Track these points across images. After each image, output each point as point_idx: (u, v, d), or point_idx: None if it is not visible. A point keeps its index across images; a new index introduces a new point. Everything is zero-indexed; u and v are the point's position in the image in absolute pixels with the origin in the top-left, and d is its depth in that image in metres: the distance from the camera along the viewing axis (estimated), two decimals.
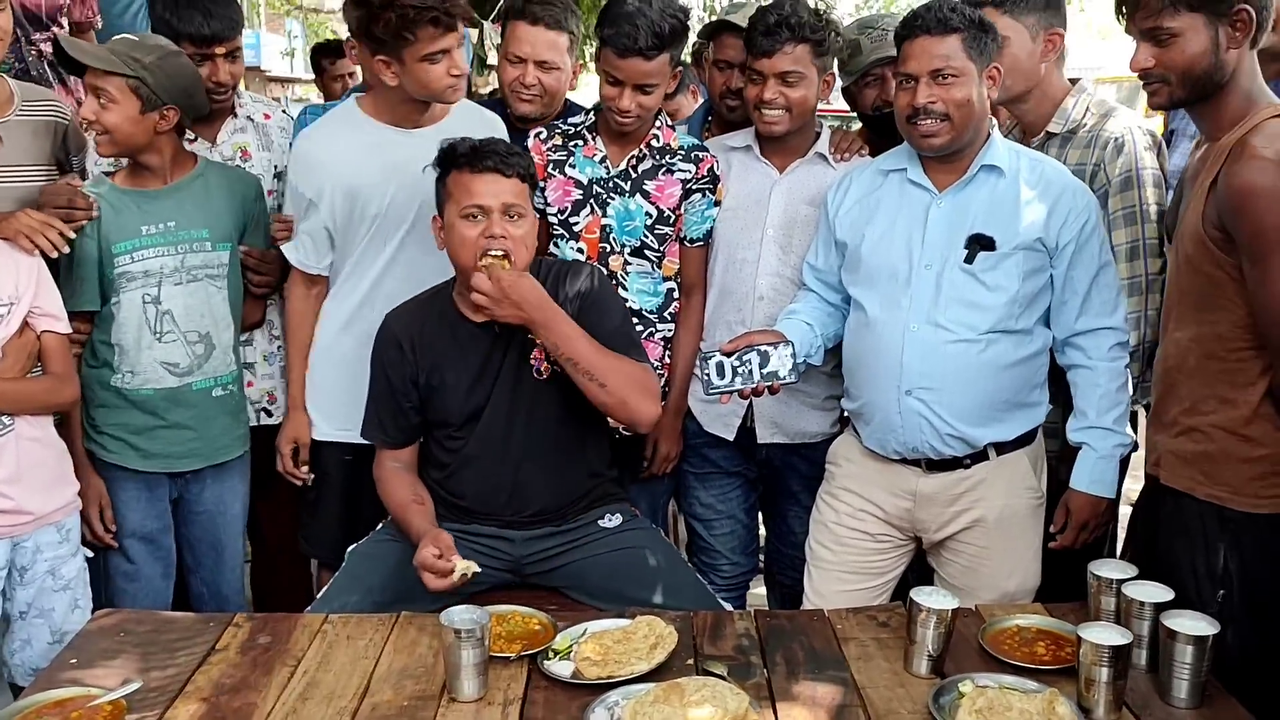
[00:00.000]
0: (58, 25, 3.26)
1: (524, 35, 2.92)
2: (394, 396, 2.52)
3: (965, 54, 2.36)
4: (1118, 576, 2.12)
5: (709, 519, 3.02)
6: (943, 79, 2.36)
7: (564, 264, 2.61)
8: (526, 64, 2.91)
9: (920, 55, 2.38)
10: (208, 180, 2.76)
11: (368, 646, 2.17)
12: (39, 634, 2.51)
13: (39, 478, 2.47)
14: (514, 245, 2.37)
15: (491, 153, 2.38)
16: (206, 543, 2.89)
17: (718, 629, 2.23)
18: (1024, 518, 2.53)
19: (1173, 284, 2.22)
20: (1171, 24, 2.07)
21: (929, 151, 2.45)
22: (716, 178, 2.83)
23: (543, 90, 2.94)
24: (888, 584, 2.66)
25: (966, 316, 2.42)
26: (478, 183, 2.37)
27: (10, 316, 2.41)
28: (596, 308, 2.48)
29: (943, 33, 2.35)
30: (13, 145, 2.65)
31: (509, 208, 2.38)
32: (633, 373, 2.43)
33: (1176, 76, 2.10)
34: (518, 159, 2.41)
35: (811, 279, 2.71)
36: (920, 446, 2.48)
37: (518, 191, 2.39)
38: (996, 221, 2.42)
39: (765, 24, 2.65)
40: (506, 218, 2.38)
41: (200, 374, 2.76)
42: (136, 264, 2.65)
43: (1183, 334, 2.14)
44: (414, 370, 2.50)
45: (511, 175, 2.38)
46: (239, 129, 3.01)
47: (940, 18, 2.36)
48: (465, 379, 2.49)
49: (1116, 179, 2.57)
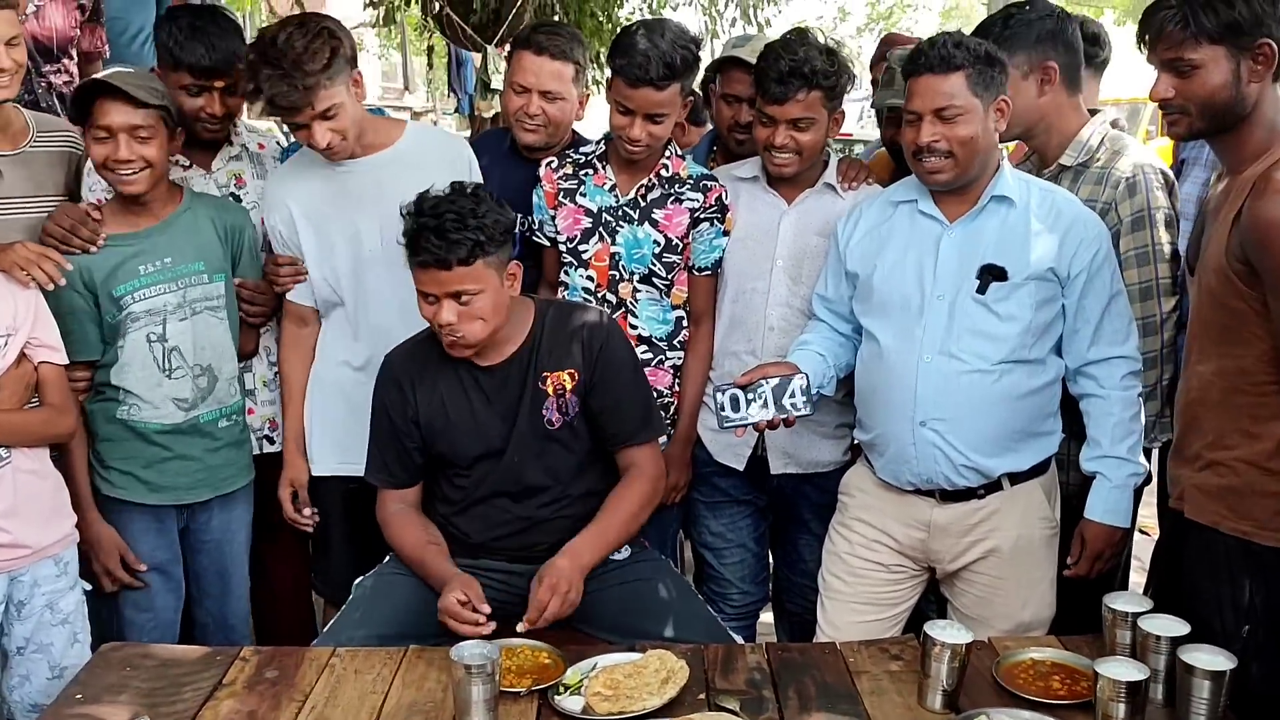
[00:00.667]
0: (68, 57, 3.27)
1: (529, 65, 2.91)
2: (397, 437, 2.49)
3: (970, 91, 2.34)
4: (1134, 610, 2.10)
5: (719, 548, 3.00)
6: (946, 117, 2.35)
7: (574, 316, 2.52)
8: (531, 94, 2.91)
9: (924, 93, 2.37)
10: (196, 213, 2.75)
11: (376, 681, 2.15)
12: (38, 669, 2.48)
13: (36, 510, 2.45)
14: (466, 327, 2.32)
15: (425, 248, 2.25)
16: (214, 571, 2.87)
17: (729, 662, 2.21)
18: (1038, 548, 2.51)
19: (1195, 317, 2.20)
20: (1193, 56, 2.06)
21: (935, 186, 2.45)
22: (725, 207, 2.82)
23: (547, 120, 2.93)
24: (901, 614, 2.64)
25: (980, 347, 2.41)
26: (419, 273, 2.31)
27: (8, 348, 2.39)
28: (612, 377, 2.47)
29: (946, 71, 2.33)
30: (28, 176, 2.65)
31: (457, 294, 2.29)
32: (639, 500, 2.47)
33: (1197, 108, 2.09)
34: (458, 246, 2.24)
35: (822, 309, 2.70)
36: (935, 477, 2.46)
37: (463, 276, 2.27)
38: (1008, 252, 2.41)
39: (778, 70, 2.62)
40: (456, 302, 2.30)
41: (205, 407, 2.75)
42: (139, 304, 2.64)
43: (1205, 367, 2.12)
44: (415, 411, 2.47)
45: (452, 265, 2.25)
46: (234, 157, 3.00)
47: (943, 55, 2.34)
48: (470, 423, 2.46)
49: (1128, 219, 2.56)
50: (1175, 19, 2.07)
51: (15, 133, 2.67)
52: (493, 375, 2.45)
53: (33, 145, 2.70)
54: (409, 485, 2.54)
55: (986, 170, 2.44)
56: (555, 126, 2.96)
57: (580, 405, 2.46)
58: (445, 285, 2.28)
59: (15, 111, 2.69)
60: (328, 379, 2.84)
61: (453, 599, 2.24)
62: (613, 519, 2.43)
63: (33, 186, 2.67)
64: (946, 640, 2.02)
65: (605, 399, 2.46)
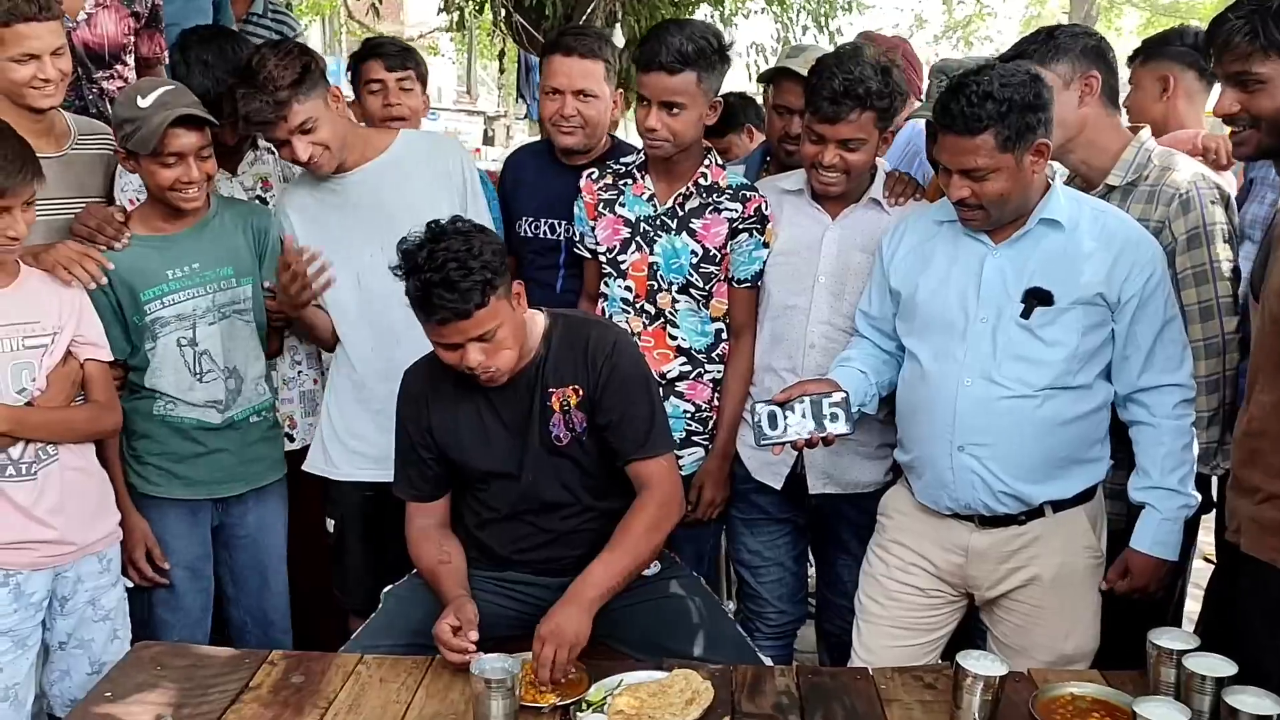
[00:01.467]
0: (121, 63, 3.31)
1: (559, 67, 2.93)
2: (415, 450, 2.50)
3: (998, 148, 2.23)
4: (1179, 647, 2.02)
5: (756, 566, 2.96)
6: (975, 177, 2.27)
7: (583, 329, 2.48)
8: (564, 95, 2.92)
9: (950, 150, 2.28)
10: (222, 217, 2.78)
11: (400, 690, 2.15)
12: (78, 665, 2.53)
13: (82, 508, 2.49)
14: (496, 362, 2.30)
15: (438, 306, 2.20)
16: (251, 569, 2.89)
17: (757, 685, 2.18)
18: (1082, 577, 2.43)
19: (1259, 345, 2.10)
20: (1260, 69, 1.98)
21: (974, 232, 2.39)
22: (765, 218, 2.78)
23: (583, 121, 2.94)
24: (938, 641, 2.57)
25: (1023, 372, 2.34)
26: (439, 329, 2.26)
27: (54, 346, 2.44)
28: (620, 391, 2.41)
29: (971, 134, 2.23)
30: (69, 179, 2.70)
31: (478, 338, 2.26)
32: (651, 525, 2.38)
33: (1266, 124, 2.00)
34: (470, 293, 2.19)
35: (865, 326, 2.64)
36: (973, 503, 2.40)
37: (480, 320, 2.23)
38: (1055, 275, 2.33)
39: (830, 89, 2.56)
40: (480, 343, 2.27)
41: (238, 406, 2.79)
42: (169, 308, 2.67)
43: (1269, 397, 2.02)
44: (429, 424, 2.47)
45: (469, 314, 2.21)
46: (259, 160, 3.04)
47: (967, 115, 2.22)
48: (483, 439, 2.45)
49: (1183, 237, 2.47)
50: (1243, 30, 1.98)
51: (58, 135, 2.73)
52: (502, 392, 2.42)
53: (74, 148, 2.76)
54: (433, 498, 2.53)
55: (1029, 202, 2.35)
56: (592, 127, 2.96)
57: (588, 421, 2.44)
58: (468, 333, 2.25)
59: (58, 115, 2.75)
60: (342, 384, 2.86)
61: (444, 625, 2.23)
62: (620, 547, 2.36)
63: (75, 188, 2.72)
64: (979, 671, 1.96)
65: (610, 414, 2.42)
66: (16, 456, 2.38)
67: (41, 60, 2.55)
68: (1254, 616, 2.03)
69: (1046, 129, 2.29)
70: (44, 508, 2.41)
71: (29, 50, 2.53)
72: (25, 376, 2.40)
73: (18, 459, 2.38)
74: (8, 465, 2.38)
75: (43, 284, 2.48)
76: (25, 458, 2.39)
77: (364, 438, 2.82)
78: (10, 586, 2.38)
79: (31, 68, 2.55)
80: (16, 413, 2.36)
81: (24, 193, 2.31)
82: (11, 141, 2.32)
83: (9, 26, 2.51)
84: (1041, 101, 2.27)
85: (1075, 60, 2.52)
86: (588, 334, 2.46)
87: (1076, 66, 2.52)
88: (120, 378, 2.70)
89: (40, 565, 2.42)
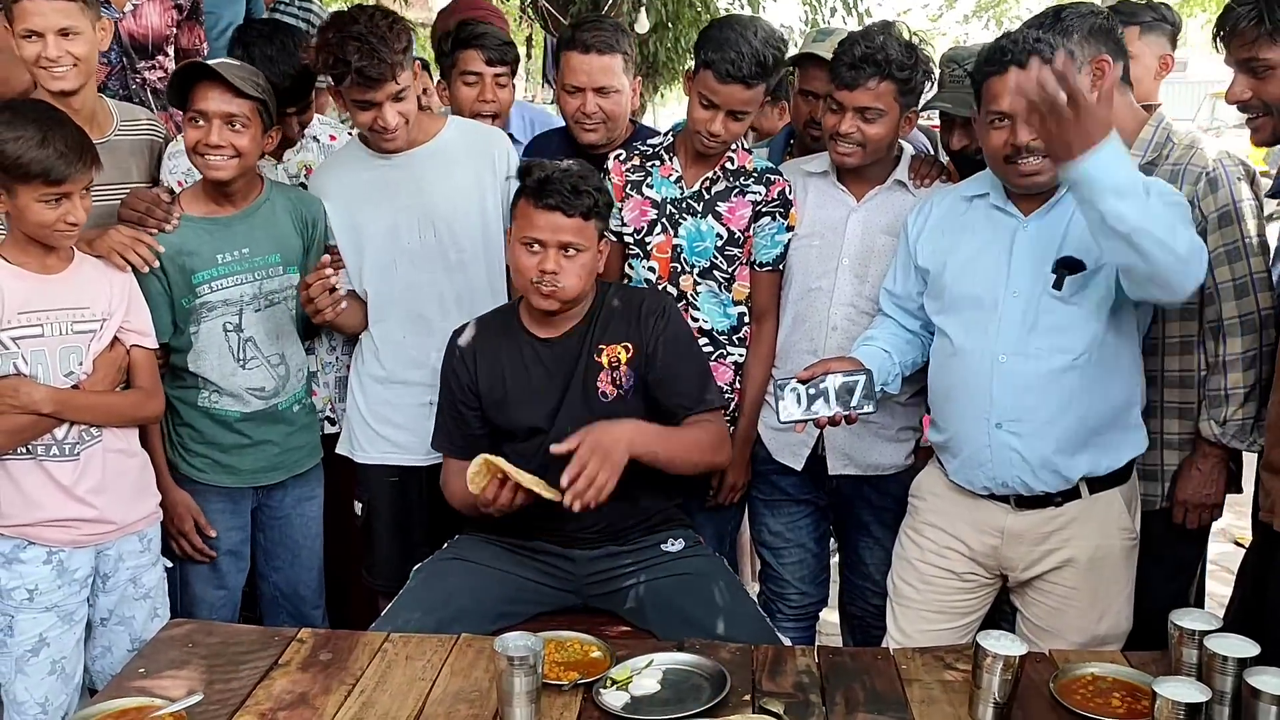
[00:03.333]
0: (163, 54, 3.36)
1: (577, 65, 2.93)
2: (456, 405, 2.57)
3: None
4: (1200, 628, 1.99)
5: (777, 547, 2.97)
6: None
7: (636, 294, 2.59)
8: (585, 93, 2.93)
9: (1016, 90, 2.19)
10: (274, 203, 2.79)
11: (425, 668, 2.17)
12: (119, 641, 2.59)
13: (123, 488, 2.54)
14: (566, 279, 2.42)
15: (556, 190, 2.39)
16: (283, 545, 2.94)
17: (778, 665, 2.18)
18: (1117, 559, 2.41)
19: None
20: (1268, 55, 1.96)
21: (1031, 189, 2.34)
22: (789, 202, 2.78)
23: (605, 116, 2.95)
24: (973, 623, 2.55)
25: (1057, 341, 2.31)
26: (539, 217, 2.41)
27: (103, 331, 2.49)
28: (673, 351, 2.52)
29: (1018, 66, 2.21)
30: (114, 164, 2.73)
31: (566, 245, 2.42)
32: (704, 442, 2.52)
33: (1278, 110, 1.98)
34: (585, 197, 2.41)
35: (889, 305, 2.63)
36: (1010, 481, 2.38)
37: (577, 229, 2.42)
38: (1085, 240, 2.28)
39: (851, 55, 2.57)
40: (563, 253, 2.42)
41: (284, 394, 2.83)
42: (216, 293, 2.70)
43: None
44: (473, 379, 2.55)
45: (574, 214, 2.40)
46: (304, 148, 3.06)
47: (1029, 48, 2.22)
48: (527, 393, 2.52)
49: (1214, 215, 2.44)
50: (1250, 16, 1.97)
51: (100, 122, 2.76)
52: (552, 347, 2.49)
53: (118, 134, 2.79)
54: (469, 456, 2.56)
55: None
56: (614, 121, 2.97)
57: (636, 379, 2.49)
58: (559, 233, 2.40)
59: (100, 101, 2.78)
60: (371, 369, 2.88)
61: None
62: (678, 433, 2.48)
63: (119, 174, 2.75)
64: (999, 651, 1.95)
65: (663, 371, 2.49)
66: (60, 437, 2.44)
67: (45, 39, 2.54)
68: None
69: None
70: (85, 487, 2.46)
71: (32, 27, 2.54)
72: (73, 360, 2.45)
73: (61, 439, 2.44)
74: (52, 445, 2.43)
75: (95, 270, 2.52)
76: (69, 439, 2.45)
77: (392, 422, 2.85)
78: (53, 564, 2.44)
79: (36, 45, 2.55)
80: (62, 395, 2.42)
81: (83, 180, 2.36)
82: (70, 129, 2.36)
83: (18, 1, 2.53)
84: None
85: (1084, 42, 2.47)
86: (641, 296, 2.60)
87: (1085, 49, 2.47)
88: (163, 359, 2.74)
89: (82, 543, 2.48)
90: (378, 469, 2.91)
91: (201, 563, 2.80)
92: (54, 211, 2.34)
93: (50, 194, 2.32)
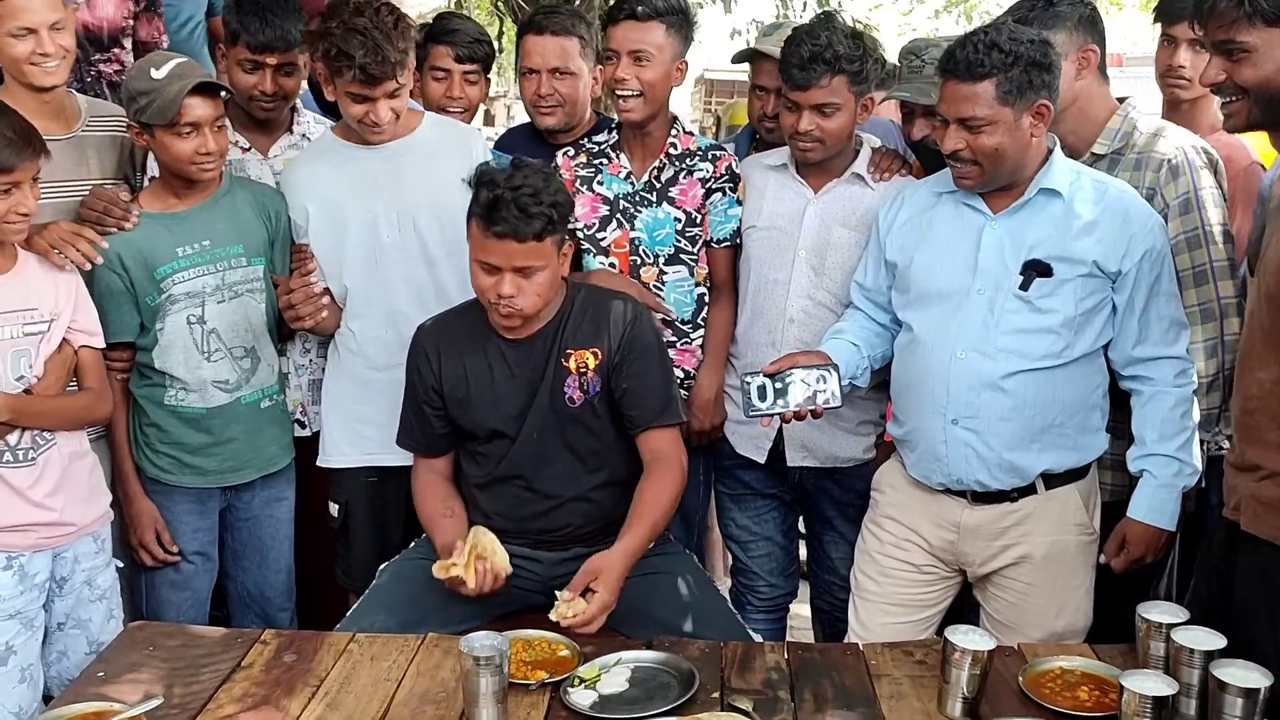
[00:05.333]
0: (119, 46, 3.28)
1: (533, 47, 2.95)
2: (419, 404, 2.54)
3: (999, 100, 2.22)
4: (1168, 621, 2.01)
5: (745, 540, 2.97)
6: (971, 127, 2.25)
7: (604, 299, 2.52)
8: (540, 74, 2.93)
9: (950, 100, 2.28)
10: (234, 196, 2.75)
11: (391, 668, 2.15)
12: (76, 645, 2.54)
13: (78, 489, 2.50)
14: (524, 299, 2.33)
15: (504, 219, 2.26)
16: (251, 546, 2.89)
17: (747, 661, 2.17)
18: (1073, 555, 2.43)
19: (1253, 320, 2.07)
20: (1245, 38, 1.93)
21: (965, 190, 2.37)
22: (736, 176, 2.80)
23: (561, 99, 2.95)
24: (934, 617, 2.57)
25: (1018, 344, 2.33)
26: (490, 244, 2.30)
27: (51, 333, 2.44)
28: (641, 360, 2.46)
29: (973, 79, 2.23)
30: (79, 159, 2.68)
31: (522, 269, 2.31)
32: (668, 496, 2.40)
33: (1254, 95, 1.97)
34: (536, 220, 2.27)
35: (860, 298, 2.63)
36: (965, 479, 2.39)
37: (531, 251, 2.29)
38: (1054, 246, 2.32)
39: (799, 56, 2.56)
40: (520, 275, 2.32)
41: (249, 387, 2.77)
42: (179, 286, 2.66)
43: (1266, 374, 1.99)
44: (437, 380, 2.50)
45: (526, 239, 2.27)
46: (292, 144, 3.02)
47: (971, 61, 2.22)
48: (491, 394, 2.48)
49: (1175, 202, 2.46)
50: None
51: (68, 116, 2.69)
52: (518, 349, 2.45)
53: (85, 129, 2.72)
54: (434, 454, 2.57)
55: (1027, 168, 2.34)
56: (572, 105, 2.97)
57: (602, 385, 2.45)
58: (513, 258, 2.29)
59: (68, 95, 2.72)
60: (348, 366, 2.84)
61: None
62: (655, 517, 2.37)
63: (83, 170, 2.69)
64: (967, 646, 1.95)
65: (628, 380, 2.44)
66: (14, 443, 2.39)
67: (39, 34, 2.49)
68: (1252, 594, 2.00)
69: (1050, 93, 2.28)
70: (42, 491, 2.41)
71: (25, 24, 2.48)
72: (24, 364, 2.39)
73: (15, 445, 2.39)
74: (5, 452, 2.38)
75: (41, 268, 2.46)
76: (23, 444, 2.40)
77: (370, 420, 2.79)
78: (14, 569, 2.39)
79: (29, 42, 2.49)
80: (17, 402, 2.36)
81: (32, 168, 2.31)
82: (13, 117, 2.31)
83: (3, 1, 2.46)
84: (1048, 62, 2.26)
85: (1072, 30, 2.50)
86: (610, 302, 2.51)
87: (1074, 37, 2.50)
88: (128, 359, 2.69)
89: (41, 546, 2.43)
90: (353, 472, 2.86)
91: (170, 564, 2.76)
92: (4, 202, 2.29)
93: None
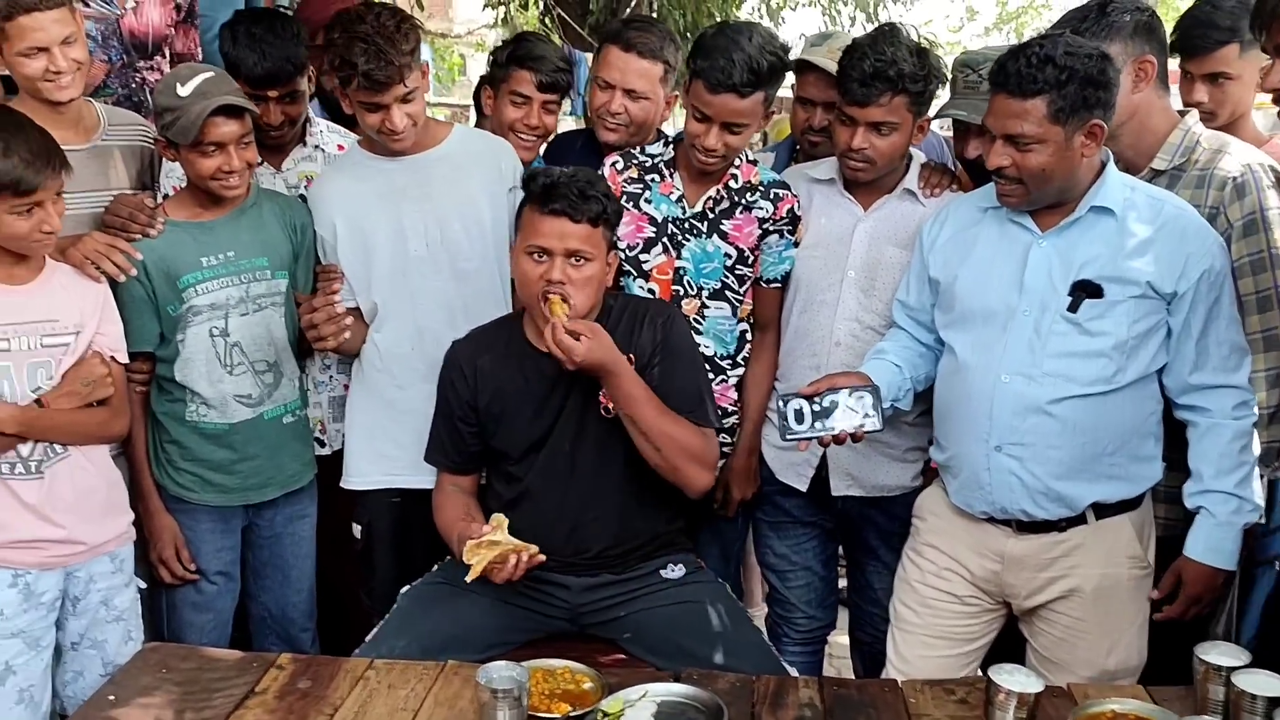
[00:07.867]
0: (161, 55, 3.27)
1: (615, 61, 2.83)
2: (453, 421, 2.49)
3: (1050, 118, 2.12)
4: (1228, 663, 1.89)
5: (783, 570, 2.87)
6: (1019, 145, 2.15)
7: (640, 303, 2.51)
8: (615, 90, 2.82)
9: (998, 114, 2.17)
10: (261, 208, 2.71)
11: (408, 697, 2.07)
12: (91, 666, 2.48)
13: (92, 507, 2.44)
14: (574, 291, 2.32)
15: (563, 195, 2.30)
16: (273, 565, 2.85)
17: (780, 696, 2.08)
18: (1126, 590, 2.30)
19: None
20: None
21: (1008, 208, 2.27)
22: (796, 218, 2.68)
23: (630, 120, 2.84)
24: (977, 651, 2.45)
25: (1066, 368, 2.22)
26: (544, 224, 2.31)
27: (75, 345, 2.40)
28: (671, 359, 2.43)
29: (1023, 95, 2.12)
30: (99, 169, 2.65)
31: (574, 253, 2.32)
32: (690, 441, 2.39)
33: None
34: (592, 202, 2.32)
35: (902, 316, 2.53)
36: (1010, 508, 2.28)
37: (585, 236, 2.32)
38: (1105, 266, 2.21)
39: (860, 70, 2.46)
40: (570, 262, 2.32)
41: (271, 403, 2.73)
42: (202, 297, 2.62)
43: None
44: (473, 395, 2.46)
45: (581, 220, 2.31)
46: (306, 157, 2.98)
47: (1024, 74, 2.11)
48: (527, 409, 2.43)
49: (1239, 223, 2.34)
50: None
51: (87, 126, 2.67)
52: (553, 360, 2.37)
53: (104, 139, 2.69)
54: (464, 472, 2.53)
55: (1078, 185, 2.23)
56: (638, 127, 2.86)
57: None
58: (566, 239, 2.31)
59: (86, 105, 2.69)
60: (373, 386, 2.77)
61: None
62: (670, 415, 2.37)
63: (104, 180, 2.66)
64: (1012, 688, 1.85)
65: (657, 380, 2.39)
66: (25, 454, 2.34)
67: (51, 52, 2.46)
68: None
69: (1106, 111, 2.17)
70: (53, 506, 2.36)
71: (35, 43, 2.45)
72: (42, 375, 2.35)
73: (26, 457, 2.34)
74: (16, 463, 2.34)
75: (67, 280, 2.43)
76: (34, 455, 2.35)
77: (395, 441, 2.72)
78: (20, 587, 2.34)
79: (42, 61, 2.47)
80: (27, 414, 2.31)
81: (54, 186, 2.28)
82: (33, 134, 2.27)
83: (11, 20, 2.43)
84: (1106, 80, 2.15)
85: (1129, 40, 2.39)
86: (645, 306, 2.52)
87: (1130, 47, 2.39)
88: (148, 371, 2.66)
89: (50, 565, 2.38)
90: (377, 494, 2.79)
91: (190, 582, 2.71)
92: (27, 222, 2.26)
93: (22, 205, 2.24)
